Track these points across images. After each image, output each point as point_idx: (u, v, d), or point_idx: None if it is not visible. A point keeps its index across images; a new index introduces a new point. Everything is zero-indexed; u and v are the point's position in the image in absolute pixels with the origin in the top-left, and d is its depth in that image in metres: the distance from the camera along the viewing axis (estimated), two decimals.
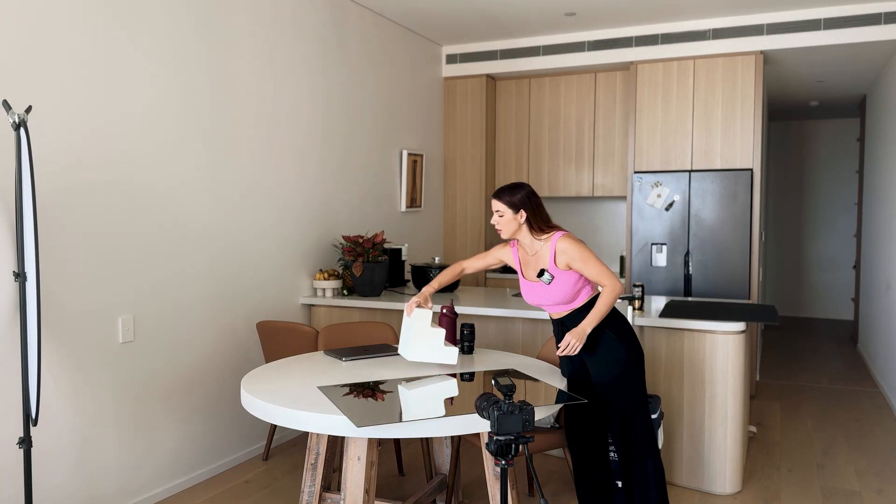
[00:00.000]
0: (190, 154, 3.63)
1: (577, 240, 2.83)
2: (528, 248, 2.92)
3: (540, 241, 2.87)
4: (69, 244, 3.02)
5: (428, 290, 2.96)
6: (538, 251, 2.89)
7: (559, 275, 2.83)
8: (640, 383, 2.91)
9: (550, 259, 2.84)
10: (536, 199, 2.86)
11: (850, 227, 9.37)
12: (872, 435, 4.60)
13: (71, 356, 3.05)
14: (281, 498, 3.54)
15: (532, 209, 2.84)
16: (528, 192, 2.85)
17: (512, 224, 2.85)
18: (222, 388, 3.89)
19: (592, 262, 2.79)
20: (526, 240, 2.90)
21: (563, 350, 2.79)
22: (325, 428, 2.26)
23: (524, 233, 2.88)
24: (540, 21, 5.43)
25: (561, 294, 2.86)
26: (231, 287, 3.93)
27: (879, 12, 4.91)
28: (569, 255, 2.80)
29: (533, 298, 2.94)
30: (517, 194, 2.83)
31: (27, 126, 2.58)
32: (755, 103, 5.27)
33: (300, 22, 4.42)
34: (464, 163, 6.28)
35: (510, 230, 2.87)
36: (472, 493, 3.61)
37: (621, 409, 2.91)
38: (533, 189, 2.87)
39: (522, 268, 2.98)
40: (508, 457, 1.84)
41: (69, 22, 2.99)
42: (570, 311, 2.92)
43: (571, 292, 2.86)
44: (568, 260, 2.81)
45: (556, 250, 2.83)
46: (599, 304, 2.79)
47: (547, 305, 2.93)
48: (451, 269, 3.08)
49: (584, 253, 2.79)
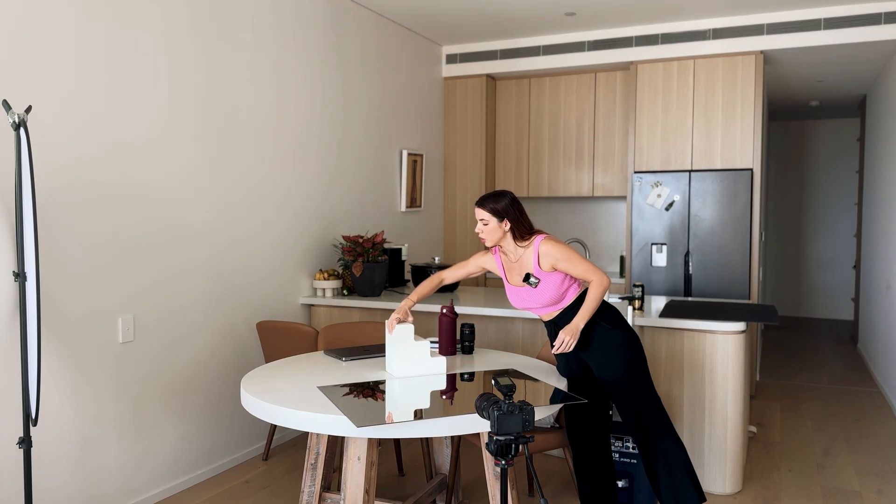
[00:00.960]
0: (190, 154, 3.63)
1: (558, 241, 2.85)
2: (511, 255, 2.93)
3: (522, 247, 2.88)
4: (69, 244, 3.02)
5: (407, 305, 2.94)
6: (521, 256, 2.90)
7: (545, 277, 2.84)
8: (643, 366, 2.92)
9: (534, 263, 2.85)
10: (519, 206, 2.87)
11: (850, 227, 9.37)
12: (872, 435, 4.60)
13: (71, 356, 3.05)
14: (281, 498, 3.54)
15: (515, 217, 2.85)
16: (511, 199, 2.85)
17: (496, 233, 2.86)
18: (222, 388, 3.89)
19: (577, 260, 2.81)
20: (509, 247, 2.91)
21: (559, 348, 2.79)
22: (325, 428, 2.26)
23: (508, 240, 2.89)
24: (540, 21, 5.43)
25: (548, 296, 2.87)
26: (231, 287, 3.93)
27: (879, 12, 4.91)
28: (552, 256, 2.81)
29: (520, 303, 2.95)
30: (501, 202, 2.83)
31: (27, 126, 2.58)
32: (755, 103, 5.27)
33: (300, 22, 4.42)
34: (464, 163, 6.28)
35: (494, 238, 2.87)
36: (472, 493, 3.61)
37: (632, 394, 2.90)
38: (515, 196, 2.90)
39: (507, 274, 2.98)
40: (508, 457, 1.84)
41: (69, 22, 2.99)
42: (560, 311, 2.93)
43: (558, 293, 2.87)
44: (552, 262, 2.82)
45: (539, 253, 2.84)
46: (589, 299, 2.81)
47: (536, 308, 2.94)
48: (429, 280, 3.07)
49: (567, 252, 2.81)
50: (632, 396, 2.91)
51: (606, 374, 2.90)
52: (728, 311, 3.82)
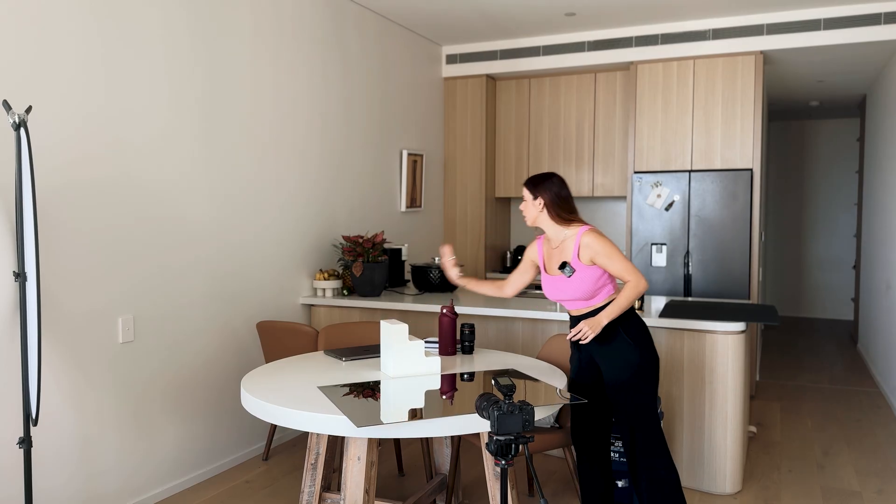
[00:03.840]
0: (190, 155, 3.63)
1: (602, 235, 2.81)
2: (552, 240, 2.92)
3: (564, 232, 2.87)
4: (69, 244, 3.02)
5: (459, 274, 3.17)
6: (561, 244, 2.88)
7: (581, 269, 2.81)
8: (651, 389, 2.87)
9: (574, 253, 2.82)
10: (560, 189, 2.86)
11: (850, 227, 9.37)
12: (872, 435, 4.60)
13: (71, 356, 3.05)
14: (281, 498, 3.54)
15: (552, 197, 2.84)
16: (552, 180, 2.86)
17: (532, 210, 2.88)
18: (222, 388, 3.89)
19: (617, 257, 2.78)
20: (550, 230, 2.90)
21: (574, 335, 2.78)
22: (325, 428, 2.26)
23: (545, 221, 2.89)
24: (540, 21, 5.43)
25: (581, 289, 2.83)
26: (231, 287, 3.93)
27: (879, 12, 4.91)
28: (593, 249, 2.78)
29: (553, 293, 2.92)
30: (541, 181, 2.86)
31: (27, 126, 2.58)
32: (755, 103, 5.27)
33: (300, 22, 4.42)
34: (464, 163, 6.28)
35: (531, 215, 2.89)
36: (472, 493, 3.61)
37: (631, 411, 2.86)
38: (562, 181, 2.88)
39: (546, 261, 2.96)
40: (508, 457, 1.84)
41: (69, 21, 2.99)
42: (589, 309, 2.88)
43: (592, 289, 2.83)
44: (592, 254, 2.78)
45: (580, 244, 2.80)
46: (620, 298, 2.78)
47: (567, 301, 2.91)
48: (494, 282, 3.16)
49: (609, 248, 2.77)
50: (631, 410, 2.86)
51: (612, 382, 2.87)
52: (728, 311, 3.82)
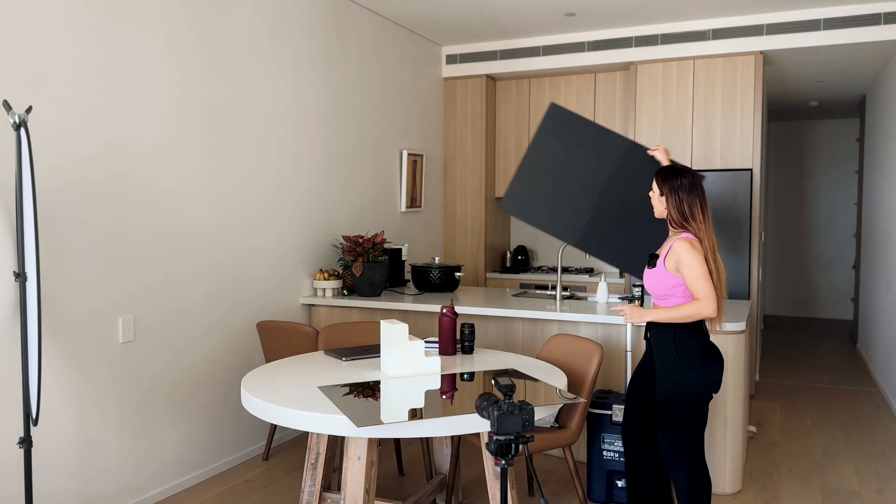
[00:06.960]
0: (190, 154, 3.63)
1: (697, 249, 2.72)
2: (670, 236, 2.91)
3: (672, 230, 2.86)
4: (69, 244, 3.02)
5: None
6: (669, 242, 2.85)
7: (661, 269, 2.80)
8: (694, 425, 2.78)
9: (664, 253, 2.81)
10: (688, 191, 2.76)
11: (850, 227, 9.37)
12: (872, 435, 4.61)
13: (71, 356, 3.05)
14: (281, 498, 3.54)
15: (675, 199, 2.78)
16: (682, 180, 2.78)
17: (658, 204, 2.87)
18: (222, 387, 3.89)
19: (698, 274, 2.69)
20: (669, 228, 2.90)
21: (615, 307, 2.99)
22: (325, 428, 2.26)
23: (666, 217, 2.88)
24: (540, 21, 5.43)
25: (654, 286, 2.83)
26: (231, 287, 3.93)
27: (879, 12, 4.91)
28: (678, 256, 2.73)
29: (646, 282, 2.91)
30: (671, 178, 2.80)
31: (27, 126, 2.58)
32: (755, 103, 5.27)
33: (300, 22, 4.43)
34: (464, 163, 6.28)
35: (658, 210, 2.88)
36: (472, 493, 3.61)
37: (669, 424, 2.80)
38: (697, 182, 2.77)
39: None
40: (508, 457, 1.84)
41: (69, 21, 2.99)
42: None
43: (662, 292, 2.81)
44: (676, 261, 2.74)
45: (672, 247, 2.77)
46: (678, 307, 2.73)
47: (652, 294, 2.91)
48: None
49: (694, 261, 2.70)
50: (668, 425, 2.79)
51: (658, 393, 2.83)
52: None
